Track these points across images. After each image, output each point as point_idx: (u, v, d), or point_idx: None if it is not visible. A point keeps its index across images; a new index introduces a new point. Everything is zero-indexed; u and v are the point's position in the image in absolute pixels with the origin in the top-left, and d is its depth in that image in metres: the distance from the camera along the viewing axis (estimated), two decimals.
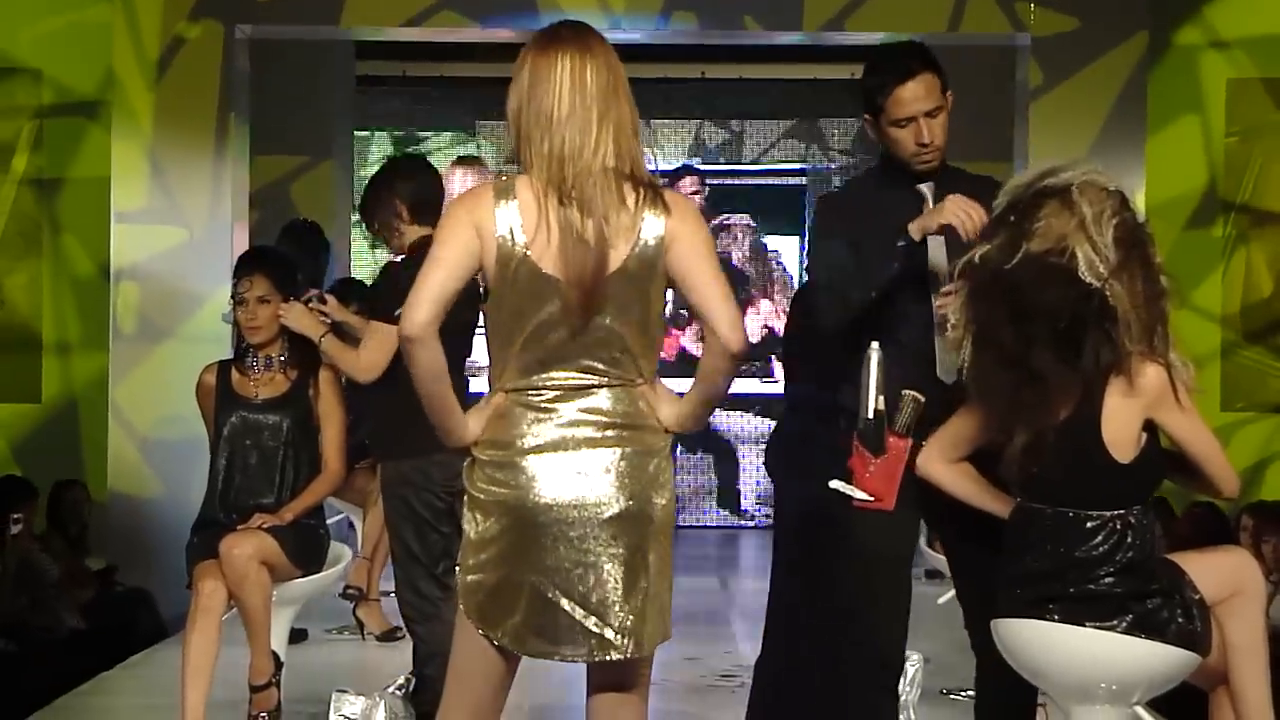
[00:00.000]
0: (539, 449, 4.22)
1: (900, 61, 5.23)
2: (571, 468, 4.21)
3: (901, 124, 5.20)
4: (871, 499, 5.18)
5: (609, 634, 4.22)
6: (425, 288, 4.16)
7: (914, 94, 5.18)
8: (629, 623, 4.23)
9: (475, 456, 4.29)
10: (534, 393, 4.24)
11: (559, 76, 4.18)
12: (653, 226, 4.19)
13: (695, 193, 14.77)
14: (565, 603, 4.22)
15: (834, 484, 5.23)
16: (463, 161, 11.58)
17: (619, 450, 4.23)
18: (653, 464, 4.26)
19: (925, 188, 5.27)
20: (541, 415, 4.23)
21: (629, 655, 4.24)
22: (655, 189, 4.22)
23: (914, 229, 5.06)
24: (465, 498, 4.32)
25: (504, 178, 4.25)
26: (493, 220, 4.17)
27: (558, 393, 4.23)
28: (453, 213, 4.24)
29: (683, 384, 4.51)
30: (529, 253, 4.17)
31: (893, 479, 5.17)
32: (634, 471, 4.24)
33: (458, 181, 10.61)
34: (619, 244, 4.18)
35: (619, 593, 4.22)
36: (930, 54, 5.32)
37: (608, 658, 4.24)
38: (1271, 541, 8.55)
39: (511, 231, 4.17)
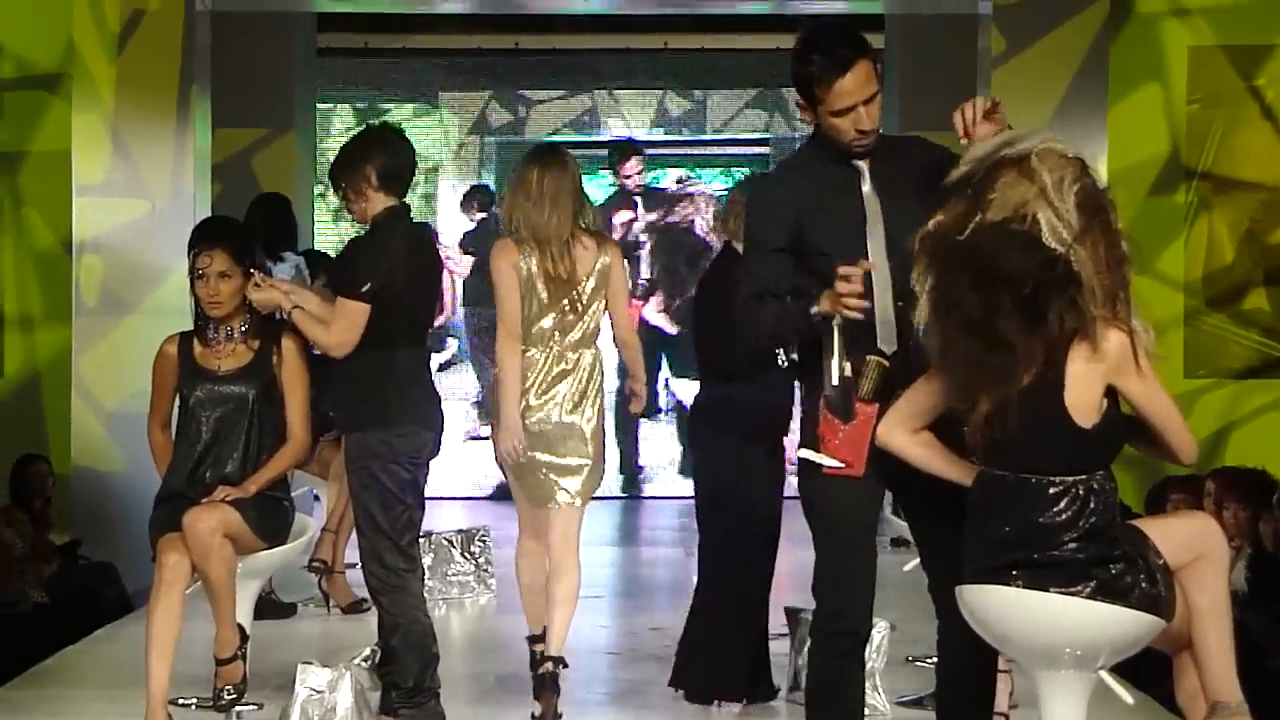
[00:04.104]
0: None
1: (835, 52, 5.17)
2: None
3: (841, 113, 5.18)
4: (842, 466, 5.17)
5: None
6: (509, 316, 6.93)
7: (853, 85, 5.15)
8: None
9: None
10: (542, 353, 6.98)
11: (531, 179, 6.93)
12: (604, 259, 6.99)
13: (638, 172, 15.03)
14: None
15: (803, 452, 5.21)
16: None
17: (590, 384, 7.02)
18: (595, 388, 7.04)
19: (861, 163, 5.26)
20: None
21: None
22: (602, 237, 7.12)
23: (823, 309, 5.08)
24: None
25: (515, 237, 6.96)
26: (518, 260, 6.93)
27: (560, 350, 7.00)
28: (498, 265, 6.94)
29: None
30: (536, 276, 6.91)
31: (861, 445, 5.16)
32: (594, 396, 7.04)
33: None
34: (588, 270, 6.95)
35: None
36: (861, 37, 5.27)
37: None
38: (1233, 507, 8.58)
39: (527, 265, 6.92)
